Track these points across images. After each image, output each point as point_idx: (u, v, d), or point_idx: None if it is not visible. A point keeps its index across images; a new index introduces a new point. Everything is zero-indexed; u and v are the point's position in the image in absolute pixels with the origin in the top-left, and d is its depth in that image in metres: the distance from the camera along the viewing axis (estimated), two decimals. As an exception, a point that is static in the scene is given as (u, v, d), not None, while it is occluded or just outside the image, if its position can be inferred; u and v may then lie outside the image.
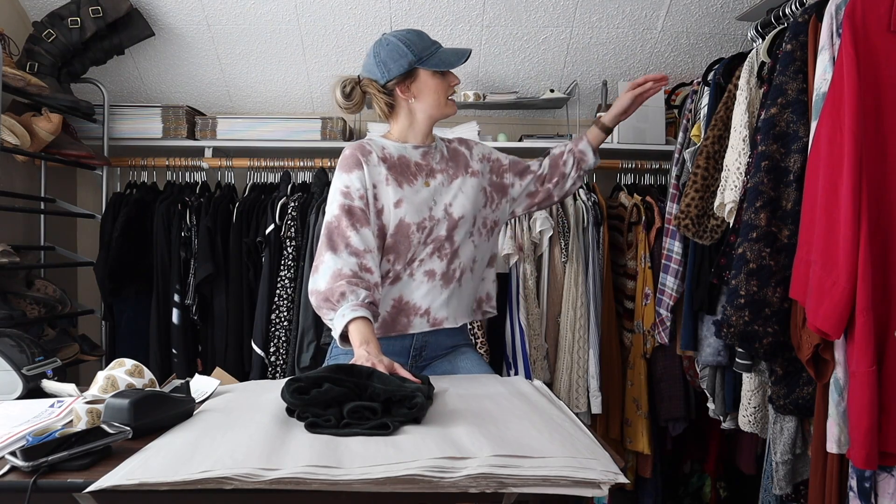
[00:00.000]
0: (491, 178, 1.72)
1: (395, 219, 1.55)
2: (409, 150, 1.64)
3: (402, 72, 1.59)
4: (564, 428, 1.06)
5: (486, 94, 2.71)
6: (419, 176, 1.61)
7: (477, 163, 1.70)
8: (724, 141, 1.83)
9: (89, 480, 0.84)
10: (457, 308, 1.63)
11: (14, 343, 1.37)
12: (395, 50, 1.59)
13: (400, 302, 1.58)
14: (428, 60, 1.59)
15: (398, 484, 0.84)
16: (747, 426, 1.81)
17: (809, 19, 1.55)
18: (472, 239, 1.64)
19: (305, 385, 1.07)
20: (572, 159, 1.80)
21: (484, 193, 1.68)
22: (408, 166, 1.61)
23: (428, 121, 1.64)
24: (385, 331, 1.57)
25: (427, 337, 1.62)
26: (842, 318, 1.30)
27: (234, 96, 2.89)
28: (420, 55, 1.58)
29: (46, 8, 2.51)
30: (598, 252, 2.51)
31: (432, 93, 1.60)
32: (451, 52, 1.62)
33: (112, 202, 2.60)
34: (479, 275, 1.70)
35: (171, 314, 2.51)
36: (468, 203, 1.62)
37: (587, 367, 2.45)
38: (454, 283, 1.61)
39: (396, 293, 1.58)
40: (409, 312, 1.58)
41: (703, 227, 1.87)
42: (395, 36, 1.60)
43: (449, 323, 1.61)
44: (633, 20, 2.64)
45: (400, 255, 1.57)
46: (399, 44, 1.59)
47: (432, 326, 1.59)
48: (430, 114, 1.63)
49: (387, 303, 1.57)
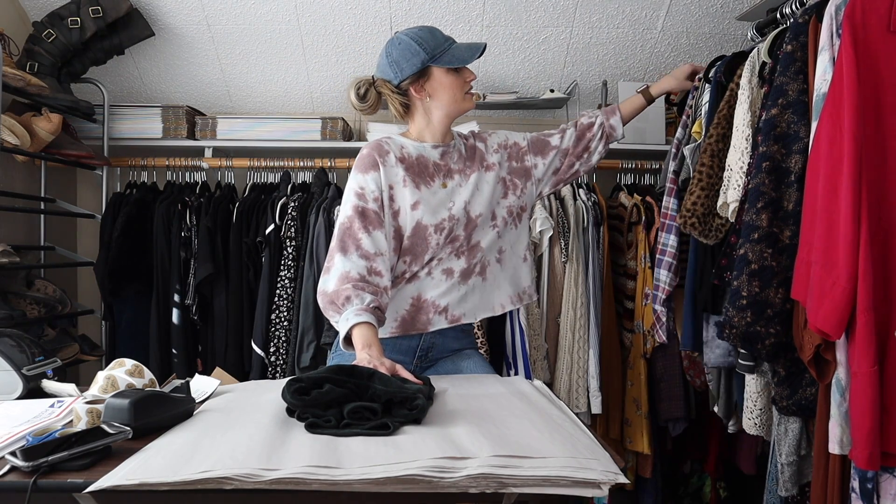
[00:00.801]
0: (511, 165, 1.68)
1: (413, 221, 1.53)
2: (428, 149, 1.61)
3: (415, 71, 1.56)
4: (564, 428, 1.05)
5: (486, 94, 2.71)
6: (437, 177, 1.59)
7: (493, 154, 1.67)
8: (727, 139, 1.82)
9: (89, 480, 0.84)
10: (474, 304, 1.61)
11: (14, 343, 1.37)
12: (407, 49, 1.56)
13: (419, 300, 1.57)
14: (441, 58, 1.56)
15: (398, 484, 0.84)
16: (752, 429, 1.80)
17: (809, 20, 1.55)
18: (496, 230, 1.62)
19: (306, 386, 1.07)
20: (601, 133, 1.76)
21: (503, 184, 1.65)
22: (426, 167, 1.59)
23: (445, 119, 1.62)
24: (405, 329, 1.56)
25: (435, 338, 1.61)
26: (842, 318, 1.29)
27: (234, 96, 2.89)
28: (433, 53, 1.55)
29: (46, 8, 2.51)
30: (598, 252, 2.51)
31: (448, 90, 1.58)
32: (464, 47, 1.59)
33: (112, 202, 2.60)
34: (511, 264, 1.67)
35: (171, 314, 2.51)
36: (485, 200, 1.60)
37: (587, 367, 2.44)
38: (475, 278, 1.60)
39: (415, 291, 1.57)
40: (429, 310, 1.57)
41: (709, 225, 1.86)
42: (407, 34, 1.57)
43: (467, 319, 1.60)
44: (633, 20, 2.64)
45: (417, 257, 1.55)
46: (411, 42, 1.55)
47: (451, 323, 1.58)
48: (447, 111, 1.60)
49: (406, 301, 1.56)
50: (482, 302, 1.63)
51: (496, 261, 1.63)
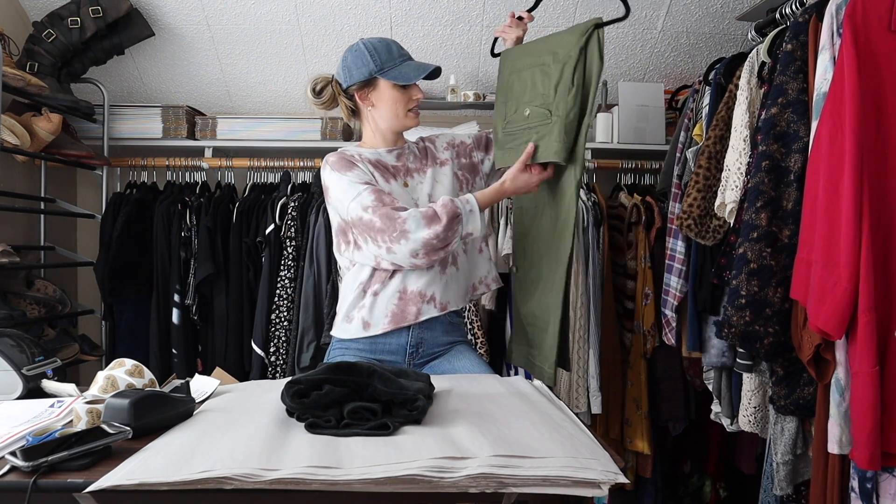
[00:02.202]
0: (460, 162, 1.76)
1: None
2: (384, 154, 1.69)
3: (362, 79, 1.63)
4: (564, 428, 1.06)
5: (485, 94, 2.70)
6: (398, 177, 1.66)
7: (443, 152, 1.74)
8: (725, 141, 1.82)
9: (89, 480, 0.84)
10: (456, 291, 1.67)
11: (14, 343, 1.37)
12: (359, 57, 1.62)
13: (405, 292, 1.60)
14: (388, 72, 1.61)
15: (398, 484, 0.84)
16: (748, 426, 1.82)
17: (810, 19, 1.55)
18: None
19: (305, 388, 1.07)
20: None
21: (457, 178, 1.72)
22: (386, 168, 1.66)
23: (388, 130, 1.69)
24: (396, 322, 1.60)
25: (423, 333, 1.63)
26: (843, 318, 1.30)
27: (234, 96, 2.89)
28: (382, 65, 1.61)
29: (46, 8, 2.51)
30: (598, 252, 2.51)
31: (389, 104, 1.64)
32: (414, 66, 1.64)
33: (112, 202, 2.60)
34: (474, 255, 1.73)
35: (171, 314, 2.51)
36: (446, 191, 1.66)
37: (587, 367, 2.44)
38: (450, 267, 1.65)
39: (400, 284, 1.61)
40: (417, 301, 1.60)
41: (706, 227, 1.86)
42: (365, 43, 1.64)
43: (452, 306, 1.65)
44: (633, 20, 2.64)
45: None
46: (364, 51, 1.62)
47: (441, 311, 1.62)
48: (389, 125, 1.67)
49: (393, 295, 1.60)
50: (460, 288, 1.68)
51: (463, 251, 1.69)
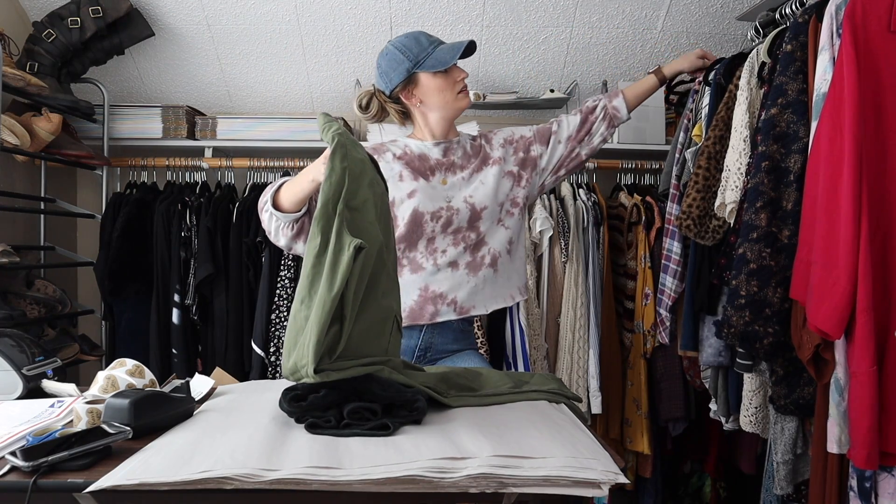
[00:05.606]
0: (518, 157, 1.72)
1: (409, 208, 1.59)
2: (430, 147, 1.67)
3: (402, 79, 1.62)
4: (564, 428, 1.06)
5: (485, 94, 2.71)
6: (438, 172, 1.65)
7: (498, 150, 1.71)
8: (725, 141, 1.82)
9: (89, 480, 0.84)
10: (491, 294, 1.64)
11: (14, 343, 1.37)
12: (392, 59, 1.62)
13: (426, 291, 1.60)
14: (424, 63, 1.60)
15: (398, 484, 0.84)
16: (749, 426, 1.82)
17: (809, 19, 1.55)
18: (502, 223, 1.66)
19: (302, 392, 1.07)
20: (603, 114, 1.79)
21: (511, 176, 1.70)
22: (427, 162, 1.65)
23: (441, 121, 1.67)
24: (413, 319, 1.60)
25: (434, 337, 1.63)
26: (842, 318, 1.30)
27: (234, 96, 2.89)
28: (416, 59, 1.60)
29: (46, 8, 2.51)
30: (598, 252, 2.51)
31: (437, 93, 1.63)
32: (447, 48, 1.63)
33: (112, 202, 2.60)
34: (519, 255, 1.71)
35: (171, 314, 2.51)
36: (490, 192, 1.64)
37: (587, 367, 2.44)
38: (485, 270, 1.63)
39: (421, 282, 1.60)
40: (436, 301, 1.60)
41: (705, 227, 1.87)
42: (393, 44, 1.63)
43: (477, 311, 1.63)
44: (633, 20, 2.64)
45: (412, 244, 1.60)
46: (395, 52, 1.62)
47: (459, 315, 1.62)
48: (442, 114, 1.65)
49: (413, 292, 1.60)
50: (495, 293, 1.66)
51: (507, 252, 1.67)
